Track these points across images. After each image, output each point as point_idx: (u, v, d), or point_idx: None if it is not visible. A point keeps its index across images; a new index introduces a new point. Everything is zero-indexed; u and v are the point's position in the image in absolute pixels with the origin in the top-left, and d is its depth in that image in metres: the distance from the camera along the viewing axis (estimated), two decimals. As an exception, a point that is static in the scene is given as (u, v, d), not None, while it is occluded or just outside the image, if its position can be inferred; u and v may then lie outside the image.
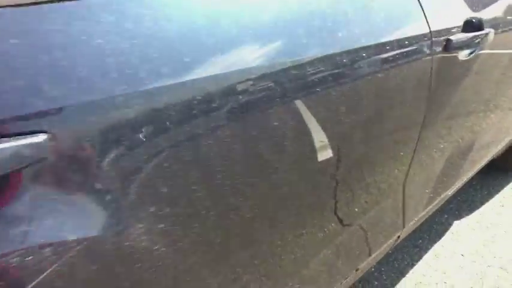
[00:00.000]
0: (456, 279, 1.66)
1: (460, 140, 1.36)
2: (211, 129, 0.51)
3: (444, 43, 0.96)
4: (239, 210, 0.60)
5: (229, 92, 0.53)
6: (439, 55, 0.95)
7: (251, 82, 0.54)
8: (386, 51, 0.81)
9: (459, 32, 1.01)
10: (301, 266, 0.85)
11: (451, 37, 0.97)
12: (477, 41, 1.07)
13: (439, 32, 0.93)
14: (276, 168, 0.64)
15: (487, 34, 1.10)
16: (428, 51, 0.91)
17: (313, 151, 0.70)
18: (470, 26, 1.04)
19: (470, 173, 1.68)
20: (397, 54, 0.83)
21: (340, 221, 0.97)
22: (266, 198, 0.65)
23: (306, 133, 0.67)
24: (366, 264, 1.16)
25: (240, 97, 0.54)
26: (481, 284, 1.64)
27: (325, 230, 0.91)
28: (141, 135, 0.43)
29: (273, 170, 0.64)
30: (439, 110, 1.09)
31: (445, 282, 1.65)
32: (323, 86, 0.67)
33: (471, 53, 1.10)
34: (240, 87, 0.53)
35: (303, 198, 0.75)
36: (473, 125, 1.42)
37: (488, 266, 1.73)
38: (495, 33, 1.17)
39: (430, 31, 0.90)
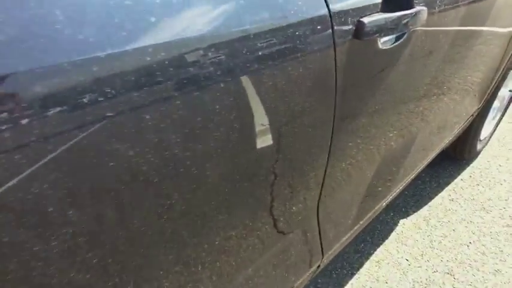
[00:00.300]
0: (398, 291, 1.49)
1: (393, 143, 1.15)
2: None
3: (354, 28, 0.71)
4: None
5: (172, 63, 0.47)
6: (345, 45, 0.70)
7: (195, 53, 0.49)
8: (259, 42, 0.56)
9: (377, 13, 0.77)
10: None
11: (364, 19, 0.72)
12: (404, 22, 0.84)
13: (343, 14, 0.68)
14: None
15: (417, 13, 0.86)
16: (328, 41, 0.66)
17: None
18: (393, 4, 0.80)
19: (413, 174, 1.48)
20: (278, 47, 0.58)
21: (248, 252, 0.75)
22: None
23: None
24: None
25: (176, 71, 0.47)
26: (424, 295, 1.47)
27: (231, 265, 0.71)
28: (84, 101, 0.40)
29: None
30: (354, 111, 0.85)
31: (385, 295, 1.47)
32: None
33: (397, 39, 0.86)
34: (181, 60, 0.48)
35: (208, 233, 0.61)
36: (411, 121, 1.21)
37: (434, 271, 1.56)
38: (430, 13, 0.93)
39: (330, 12, 0.65)
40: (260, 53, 0.57)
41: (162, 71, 0.46)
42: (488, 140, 2.18)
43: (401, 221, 1.79)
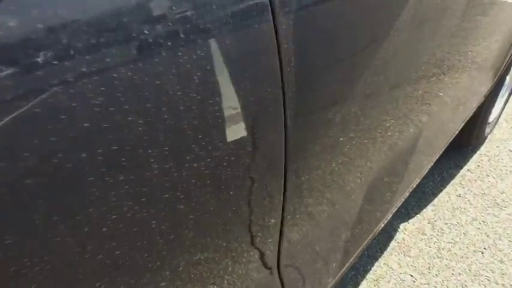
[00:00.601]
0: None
1: (388, 146, 0.86)
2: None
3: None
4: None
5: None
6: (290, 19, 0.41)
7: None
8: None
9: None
10: None
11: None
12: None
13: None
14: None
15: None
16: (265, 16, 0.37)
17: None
18: None
19: (417, 181, 1.19)
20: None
21: None
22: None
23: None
24: None
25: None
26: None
27: None
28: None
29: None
30: (315, 107, 0.56)
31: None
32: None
33: None
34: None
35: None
36: (413, 112, 0.92)
37: (445, 289, 1.30)
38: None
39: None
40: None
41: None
42: (496, 121, 1.90)
43: (402, 226, 1.51)
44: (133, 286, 0.41)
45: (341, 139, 0.72)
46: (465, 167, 1.75)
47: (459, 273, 1.34)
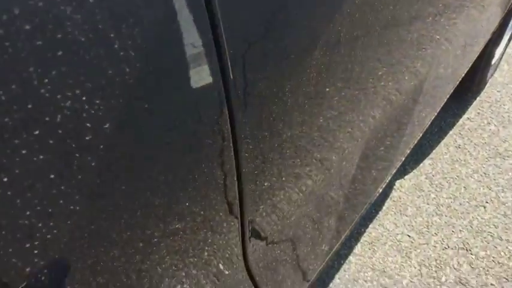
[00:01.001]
0: None
1: (383, 102, 0.71)
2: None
3: None
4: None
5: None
6: None
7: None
8: None
9: None
10: None
11: None
12: None
13: None
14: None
15: None
16: None
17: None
18: None
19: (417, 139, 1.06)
20: None
21: None
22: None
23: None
24: None
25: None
26: None
27: None
28: None
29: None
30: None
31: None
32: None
33: None
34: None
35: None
36: (409, 59, 0.76)
37: (445, 248, 1.20)
38: None
39: None
40: None
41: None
42: (498, 64, 1.74)
43: (398, 183, 1.40)
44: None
45: (327, 89, 0.57)
46: (464, 116, 1.62)
47: (460, 231, 1.24)
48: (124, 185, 0.36)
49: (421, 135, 1.08)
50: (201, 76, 0.38)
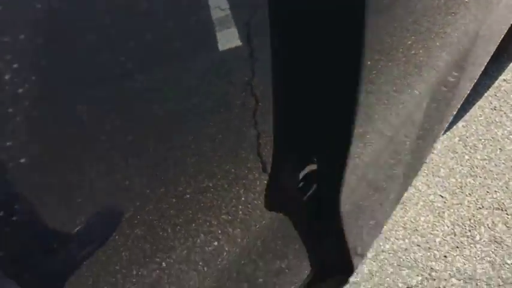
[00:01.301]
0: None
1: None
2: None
3: None
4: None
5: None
6: None
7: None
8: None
9: None
10: None
11: None
12: None
13: None
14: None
15: None
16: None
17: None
18: None
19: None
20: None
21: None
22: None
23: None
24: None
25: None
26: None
27: None
28: None
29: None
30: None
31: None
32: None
33: None
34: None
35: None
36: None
37: (479, 207, 1.18)
38: None
39: None
40: None
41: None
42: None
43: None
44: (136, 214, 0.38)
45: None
46: (501, 77, 1.56)
47: (495, 191, 1.22)
48: (157, 144, 0.37)
49: (471, 87, 1.04)
50: (228, 39, 0.39)
